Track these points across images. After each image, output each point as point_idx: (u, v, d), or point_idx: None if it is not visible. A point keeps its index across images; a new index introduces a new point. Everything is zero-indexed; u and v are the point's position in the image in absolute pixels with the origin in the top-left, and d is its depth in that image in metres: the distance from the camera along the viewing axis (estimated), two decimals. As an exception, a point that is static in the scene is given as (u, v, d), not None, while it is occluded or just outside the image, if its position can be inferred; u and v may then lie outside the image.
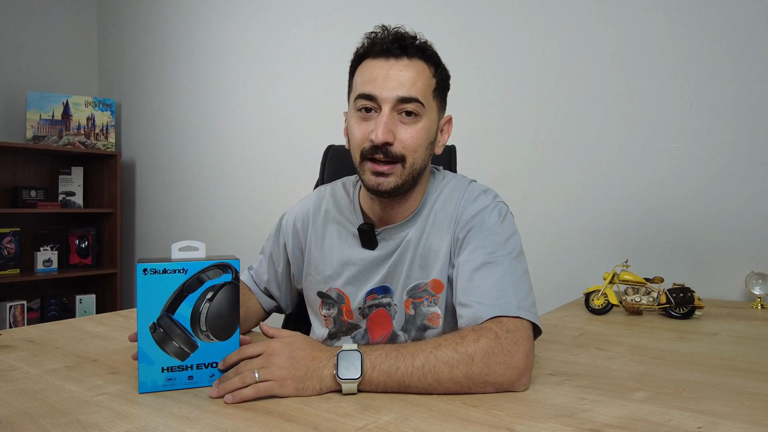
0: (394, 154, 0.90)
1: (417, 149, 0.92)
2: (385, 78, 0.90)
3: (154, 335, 0.74)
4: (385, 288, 1.01)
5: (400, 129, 0.90)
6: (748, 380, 0.81)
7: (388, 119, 0.89)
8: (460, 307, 0.87)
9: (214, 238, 2.90)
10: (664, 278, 1.44)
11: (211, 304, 0.76)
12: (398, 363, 0.73)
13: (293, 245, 1.10)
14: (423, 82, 0.92)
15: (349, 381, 0.72)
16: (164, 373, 0.75)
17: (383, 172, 0.91)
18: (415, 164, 0.92)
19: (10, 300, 2.98)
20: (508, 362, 0.74)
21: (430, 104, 0.93)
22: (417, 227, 0.99)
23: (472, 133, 2.04)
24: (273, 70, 2.68)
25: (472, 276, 0.87)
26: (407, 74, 0.90)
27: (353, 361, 0.73)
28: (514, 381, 0.74)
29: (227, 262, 0.76)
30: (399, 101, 0.89)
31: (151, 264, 0.73)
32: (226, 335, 0.77)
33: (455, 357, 0.74)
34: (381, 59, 0.91)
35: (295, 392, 0.72)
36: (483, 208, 0.95)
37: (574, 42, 1.86)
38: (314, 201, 1.11)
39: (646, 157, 1.74)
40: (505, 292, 0.83)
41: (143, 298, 0.73)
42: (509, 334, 0.77)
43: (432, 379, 0.73)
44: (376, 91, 0.90)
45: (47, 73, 3.28)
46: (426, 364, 0.73)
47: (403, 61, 0.91)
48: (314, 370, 0.73)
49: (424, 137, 0.93)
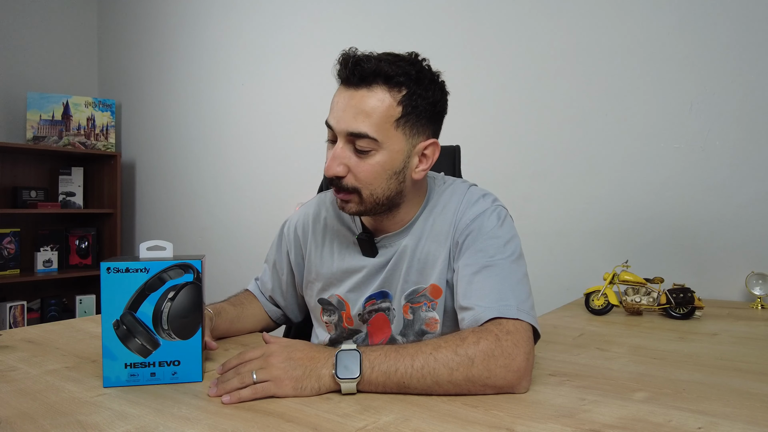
0: (346, 186, 0.90)
1: (372, 182, 0.89)
2: (343, 109, 0.87)
3: (117, 332, 0.76)
4: (383, 293, 1.00)
5: (353, 162, 0.89)
6: (748, 380, 0.81)
7: (339, 152, 0.88)
8: (461, 310, 0.86)
9: (213, 238, 2.90)
10: (664, 278, 1.44)
11: (173, 303, 0.77)
12: (397, 364, 0.73)
13: (295, 253, 1.11)
14: (380, 113, 0.86)
15: (348, 381, 0.72)
16: (127, 369, 0.77)
17: (343, 199, 0.92)
18: (375, 194, 0.90)
19: (10, 300, 2.98)
20: (509, 365, 0.74)
21: (389, 135, 0.87)
22: (414, 233, 0.99)
23: (473, 134, 2.04)
24: (273, 71, 2.68)
25: (471, 279, 0.87)
26: (363, 106, 0.86)
27: (352, 361, 0.73)
28: (514, 384, 0.74)
29: (189, 263, 0.78)
30: (349, 135, 0.87)
31: (114, 263, 0.76)
32: (188, 334, 0.78)
33: (455, 359, 0.73)
34: (343, 87, 0.89)
35: (293, 392, 0.72)
36: (482, 212, 0.94)
37: (575, 43, 1.86)
38: (314, 208, 1.11)
39: (647, 158, 1.74)
40: (504, 295, 0.83)
41: (107, 296, 0.76)
42: (509, 336, 0.77)
43: (431, 381, 0.73)
44: (333, 122, 0.89)
45: (47, 73, 3.28)
46: (425, 366, 0.73)
47: (361, 91, 0.86)
48: (312, 370, 0.73)
49: (380, 170, 0.89)
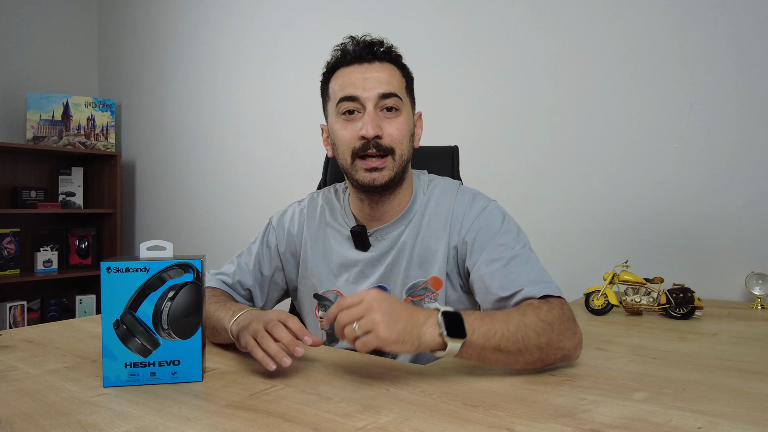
0: (384, 146, 0.96)
1: (402, 140, 0.98)
2: (364, 80, 0.97)
3: (117, 332, 0.76)
4: (381, 287, 1.02)
5: (384, 124, 0.97)
6: (748, 380, 0.81)
7: (373, 115, 0.96)
8: (506, 299, 0.89)
9: (213, 238, 2.90)
10: (664, 278, 1.44)
11: (173, 303, 0.77)
12: (495, 327, 0.77)
13: (286, 248, 1.12)
14: (396, 80, 1.00)
15: (456, 340, 0.74)
16: (127, 369, 0.77)
17: (377, 167, 0.96)
18: (403, 155, 0.99)
19: (10, 300, 2.98)
20: (575, 331, 0.83)
21: (405, 100, 1.01)
22: (411, 228, 1.03)
23: (473, 134, 2.04)
24: (273, 71, 2.68)
25: (505, 271, 0.91)
26: (382, 74, 0.98)
27: (457, 322, 0.75)
28: (576, 347, 0.83)
29: (189, 262, 0.78)
30: (380, 97, 0.96)
31: (114, 262, 0.76)
32: (188, 334, 0.78)
33: (540, 325, 0.79)
34: (355, 65, 0.99)
35: (394, 346, 0.73)
36: (483, 209, 1.00)
37: (575, 43, 1.86)
38: (308, 205, 1.14)
39: (646, 158, 1.74)
40: (542, 277, 0.90)
41: (107, 295, 0.76)
42: (566, 309, 0.85)
43: (523, 345, 0.77)
44: (357, 92, 0.96)
45: (47, 73, 3.28)
46: (519, 330, 0.77)
47: (375, 64, 0.99)
48: (414, 327, 0.74)
49: (407, 129, 1.00)
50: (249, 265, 1.12)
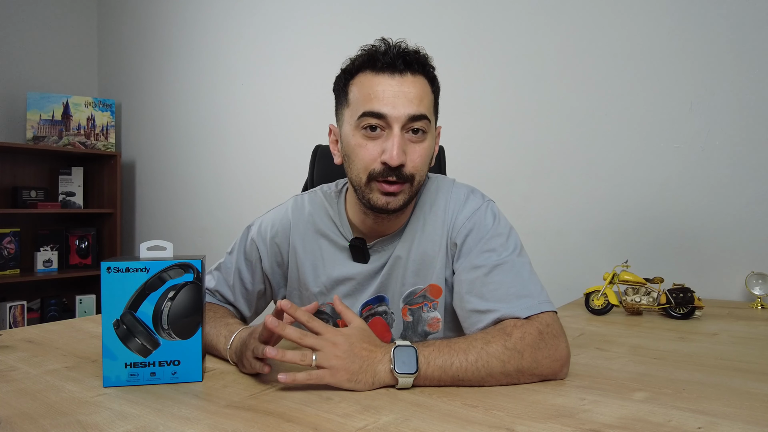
0: (405, 174, 0.88)
1: (423, 167, 0.91)
2: (394, 95, 0.86)
3: (118, 332, 0.76)
4: (379, 297, 1.00)
5: (409, 149, 0.89)
6: (748, 380, 0.81)
7: (400, 140, 0.87)
8: (480, 313, 0.86)
9: (213, 238, 2.90)
10: (664, 278, 1.44)
11: (173, 303, 0.77)
12: (452, 358, 0.76)
13: (271, 259, 1.03)
14: (428, 98, 0.90)
15: (406, 375, 0.74)
16: (127, 369, 0.77)
17: (393, 192, 0.89)
18: (420, 181, 0.92)
19: (10, 300, 2.98)
20: (553, 355, 0.79)
21: (432, 119, 0.92)
22: (407, 235, 0.98)
23: (473, 134, 2.04)
24: (273, 71, 2.68)
25: (485, 281, 0.87)
26: (414, 90, 0.88)
27: (409, 357, 0.75)
28: (557, 371, 0.80)
29: (189, 262, 0.78)
30: (409, 119, 0.87)
31: (114, 262, 0.76)
32: (189, 334, 0.78)
33: (505, 353, 0.77)
34: (385, 75, 0.88)
35: (347, 384, 0.74)
36: (476, 210, 0.95)
37: (575, 42, 1.86)
38: (292, 213, 1.04)
39: (646, 158, 1.74)
40: (526, 291, 0.85)
41: (107, 295, 0.76)
42: (548, 328, 0.81)
43: (485, 373, 0.76)
44: (385, 110, 0.86)
45: (47, 73, 3.28)
46: (479, 360, 0.76)
47: (407, 77, 0.88)
48: (369, 365, 0.75)
49: (428, 155, 0.92)
50: (229, 280, 1.05)
